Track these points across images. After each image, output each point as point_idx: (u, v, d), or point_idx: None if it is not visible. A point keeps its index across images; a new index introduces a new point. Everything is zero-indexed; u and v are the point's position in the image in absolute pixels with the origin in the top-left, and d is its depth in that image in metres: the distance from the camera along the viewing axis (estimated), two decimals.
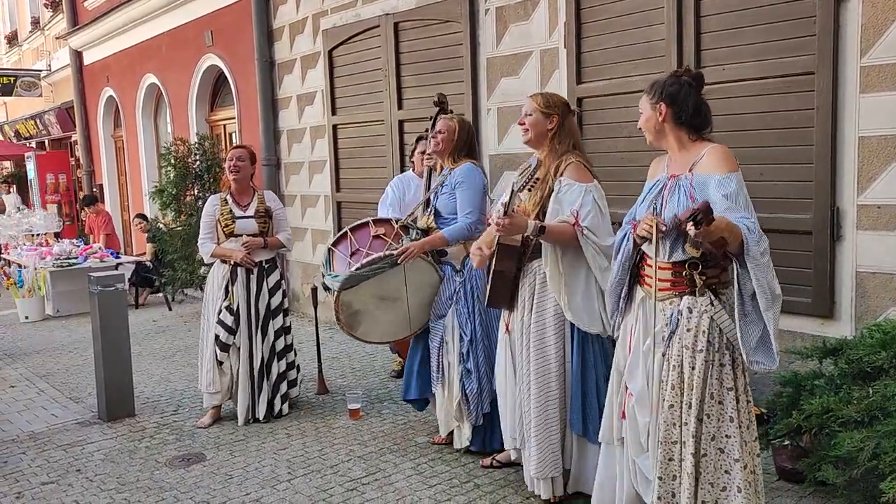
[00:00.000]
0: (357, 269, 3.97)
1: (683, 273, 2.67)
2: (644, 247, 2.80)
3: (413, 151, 5.33)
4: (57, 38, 14.85)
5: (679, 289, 2.69)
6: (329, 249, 4.25)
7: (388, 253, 3.99)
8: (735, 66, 4.26)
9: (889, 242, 3.74)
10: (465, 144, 4.14)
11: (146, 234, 9.88)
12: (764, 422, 3.78)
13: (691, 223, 2.35)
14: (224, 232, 4.77)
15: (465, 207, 4.01)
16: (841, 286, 3.93)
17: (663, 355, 2.71)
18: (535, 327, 3.39)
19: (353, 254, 4.11)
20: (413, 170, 5.28)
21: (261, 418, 4.82)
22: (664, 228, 2.62)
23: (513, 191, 3.24)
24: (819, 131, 3.93)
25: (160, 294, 9.55)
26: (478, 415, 4.01)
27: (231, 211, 4.79)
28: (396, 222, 4.25)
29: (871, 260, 3.80)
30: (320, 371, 5.48)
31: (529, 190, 3.42)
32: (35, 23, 17.18)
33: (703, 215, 2.34)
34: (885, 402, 3.03)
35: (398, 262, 3.98)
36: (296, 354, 5.10)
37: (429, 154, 4.32)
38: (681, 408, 2.67)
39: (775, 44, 4.09)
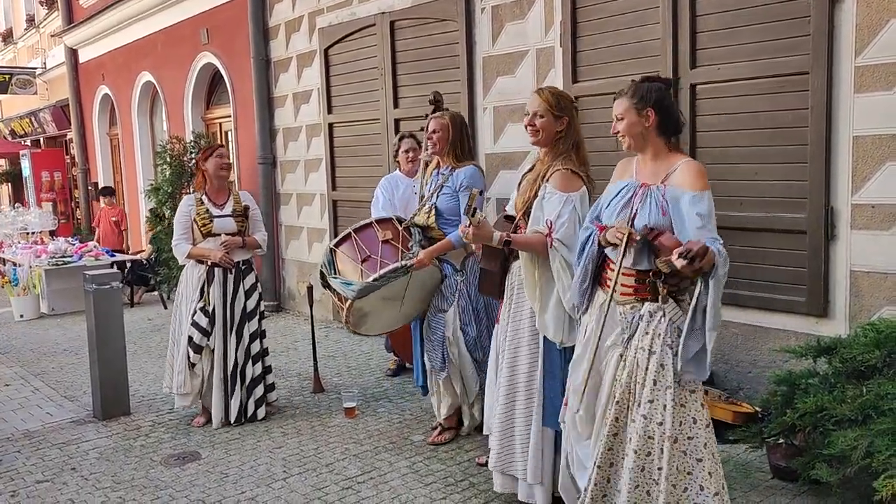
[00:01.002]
0: (375, 280, 3.96)
1: (647, 281, 2.74)
2: (608, 251, 2.85)
3: (397, 151, 5.34)
4: (52, 36, 14.80)
5: (641, 295, 2.77)
6: (332, 250, 4.23)
7: (403, 264, 4.00)
8: (730, 65, 4.27)
9: (883, 242, 3.75)
10: (461, 138, 4.16)
11: (150, 233, 9.83)
12: (758, 420, 3.80)
13: (684, 260, 2.41)
14: (201, 232, 4.69)
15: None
16: (835, 285, 3.95)
17: (620, 356, 2.80)
18: (511, 328, 3.41)
19: (364, 260, 4.07)
20: (399, 169, 5.28)
21: (232, 421, 4.74)
22: (637, 239, 2.66)
23: (469, 206, 3.27)
24: (813, 131, 3.94)
25: (155, 293, 9.54)
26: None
27: (208, 210, 4.71)
28: (399, 222, 4.25)
29: (866, 259, 3.82)
30: (316, 370, 5.48)
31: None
32: (30, 20, 17.13)
33: (699, 259, 2.41)
34: (878, 400, 3.04)
35: (412, 271, 4.01)
36: (269, 359, 5.00)
37: (428, 155, 4.33)
38: (627, 405, 2.76)
39: (770, 43, 4.10)
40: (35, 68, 16.44)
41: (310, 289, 5.64)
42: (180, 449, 4.47)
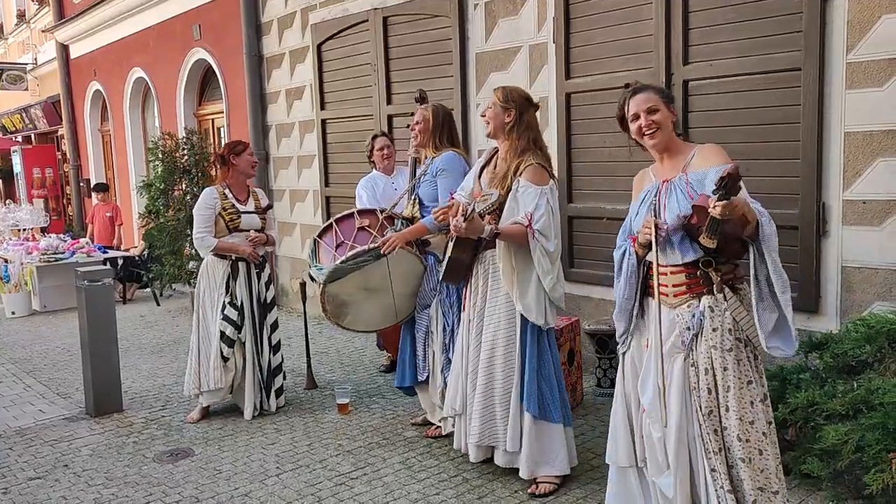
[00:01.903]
0: (342, 262, 3.99)
1: (698, 273, 2.60)
2: (649, 256, 2.70)
3: (371, 151, 5.35)
4: (43, 32, 14.73)
5: (696, 290, 2.61)
6: (315, 240, 4.26)
7: (371, 246, 4.01)
8: (722, 61, 4.28)
9: (874, 237, 3.77)
10: (444, 130, 4.18)
11: (143, 230, 9.78)
12: None
13: (717, 196, 2.28)
14: (227, 226, 4.68)
15: (447, 194, 4.02)
16: (826, 281, 3.97)
17: (685, 359, 2.61)
18: (489, 311, 3.59)
19: (338, 246, 4.12)
20: (375, 168, 5.30)
21: (273, 410, 4.85)
22: (665, 227, 2.57)
23: (473, 208, 3.37)
24: (805, 127, 3.95)
25: (148, 289, 9.51)
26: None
27: (234, 205, 4.73)
28: (381, 213, 4.26)
29: (857, 255, 3.84)
30: (309, 366, 5.47)
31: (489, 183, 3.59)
32: (21, 16, 17.05)
33: (731, 181, 2.25)
34: (869, 395, 3.06)
35: (382, 253, 3.99)
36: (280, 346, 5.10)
37: (414, 149, 4.35)
38: (719, 412, 2.56)
39: (762, 40, 4.11)
40: (26, 64, 16.35)
41: (303, 285, 5.64)
42: (173, 446, 4.46)
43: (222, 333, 4.69)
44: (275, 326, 4.94)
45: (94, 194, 11.04)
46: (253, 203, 4.84)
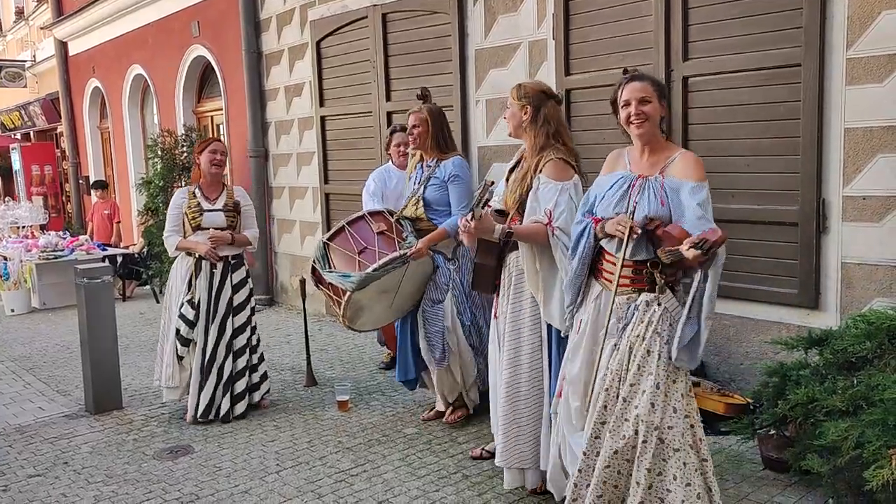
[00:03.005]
0: (375, 271, 3.96)
1: (644, 271, 2.75)
2: (604, 243, 2.85)
3: (388, 144, 5.33)
4: (42, 29, 14.70)
5: (638, 285, 2.77)
6: (325, 244, 4.21)
7: (402, 253, 4.02)
8: (722, 57, 4.27)
9: (874, 233, 3.76)
10: (442, 130, 4.22)
11: (142, 227, 9.78)
12: (750, 411, 3.82)
13: (697, 251, 2.40)
14: (191, 225, 4.68)
15: (462, 200, 4.15)
16: (826, 277, 3.96)
17: (615, 346, 2.80)
18: (511, 318, 3.39)
19: (360, 252, 4.07)
20: (391, 161, 5.28)
21: (198, 417, 4.68)
22: (639, 232, 2.66)
23: (480, 198, 3.22)
24: (805, 123, 3.95)
25: (147, 286, 9.50)
26: (484, 381, 4.21)
27: (199, 204, 4.71)
28: (390, 214, 4.26)
29: (857, 251, 3.83)
30: (309, 363, 5.47)
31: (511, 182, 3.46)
32: (19, 13, 17.02)
33: (714, 247, 2.41)
34: (869, 391, 3.06)
35: (411, 260, 4.02)
36: (261, 359, 4.93)
37: (411, 150, 4.36)
38: (617, 392, 2.76)
39: (762, 35, 4.10)
40: (25, 61, 16.33)
41: (302, 282, 5.63)
42: (173, 443, 4.46)
43: (177, 331, 4.68)
44: (241, 331, 4.78)
45: (93, 192, 11.03)
46: (223, 201, 4.78)
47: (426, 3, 6.05)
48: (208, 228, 4.69)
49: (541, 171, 3.26)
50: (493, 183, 3.44)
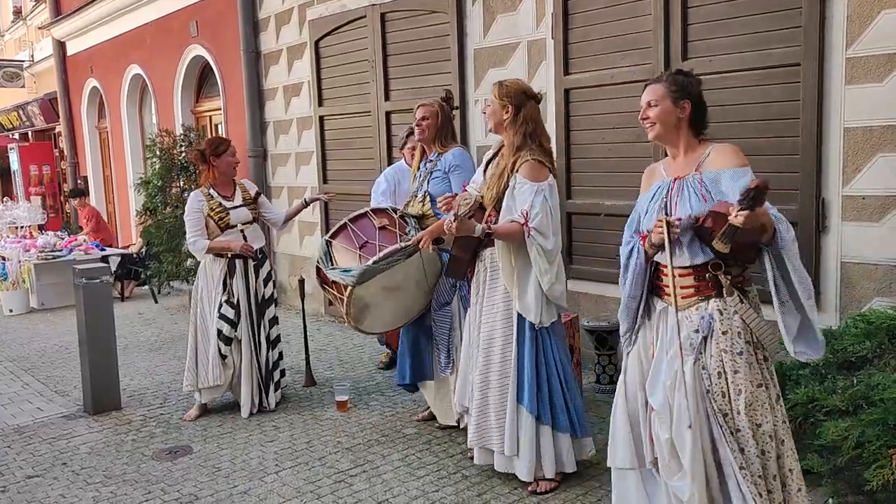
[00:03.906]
0: (375, 263, 3.92)
1: (706, 276, 2.56)
2: (658, 257, 2.67)
3: (403, 145, 5.31)
4: (40, 29, 14.68)
5: (705, 293, 2.58)
6: (327, 242, 4.19)
7: (405, 244, 3.97)
8: (721, 57, 4.27)
9: (874, 233, 3.76)
10: (448, 125, 4.26)
11: (141, 227, 9.74)
12: None
13: (745, 208, 2.25)
14: (219, 226, 4.69)
15: (462, 189, 4.08)
16: (826, 277, 3.96)
17: (695, 363, 2.57)
18: (486, 309, 3.58)
19: (362, 246, 4.05)
20: (405, 161, 5.25)
21: (271, 408, 4.85)
22: (676, 225, 2.51)
23: (457, 214, 3.30)
24: (805, 122, 3.95)
25: (146, 287, 9.49)
26: None
27: (220, 203, 4.72)
28: (394, 211, 4.24)
29: (856, 250, 3.83)
30: (308, 363, 5.47)
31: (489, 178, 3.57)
32: (17, 13, 17.00)
33: (758, 193, 2.23)
34: (869, 391, 3.05)
35: (415, 250, 3.97)
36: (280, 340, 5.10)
37: (417, 142, 4.35)
38: (733, 415, 2.55)
39: (762, 35, 4.10)
40: (22, 61, 16.30)
41: (301, 282, 5.62)
42: (172, 443, 4.46)
43: (219, 332, 4.70)
44: (273, 322, 4.94)
45: (71, 200, 10.95)
46: (241, 196, 4.83)
47: (425, 2, 6.04)
48: (236, 226, 4.73)
49: (517, 171, 3.39)
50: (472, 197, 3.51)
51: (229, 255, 4.72)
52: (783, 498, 2.57)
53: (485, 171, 3.66)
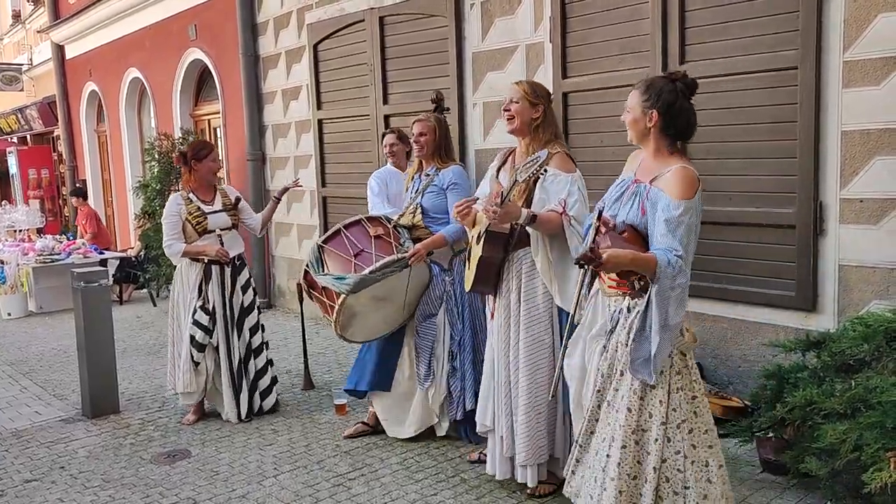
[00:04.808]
0: (371, 273, 3.90)
1: (627, 276, 2.72)
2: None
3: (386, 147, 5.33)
4: (38, 32, 14.69)
5: (623, 289, 2.75)
6: (320, 247, 4.18)
7: (400, 256, 3.97)
8: (719, 60, 4.28)
9: (871, 236, 3.77)
10: (445, 140, 4.25)
11: (139, 231, 9.74)
12: (748, 414, 3.82)
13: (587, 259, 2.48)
14: (196, 230, 4.66)
15: None
16: (824, 280, 3.96)
17: (604, 347, 2.79)
18: (525, 314, 3.42)
19: (357, 254, 4.03)
20: (389, 163, 5.27)
21: (243, 417, 4.75)
22: (610, 224, 2.70)
23: (515, 180, 3.17)
24: (802, 125, 3.95)
25: (144, 290, 9.49)
26: (457, 412, 4.15)
27: (199, 208, 4.68)
28: (388, 221, 4.23)
29: (854, 253, 3.83)
30: (306, 367, 5.46)
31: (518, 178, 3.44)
32: (16, 16, 17.00)
33: (585, 262, 2.49)
34: (867, 394, 3.05)
35: (409, 264, 3.98)
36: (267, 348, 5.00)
37: (414, 157, 4.36)
38: (603, 395, 2.78)
39: (759, 38, 4.10)
40: (21, 64, 16.31)
41: (299, 286, 5.61)
42: (170, 447, 4.45)
43: (192, 338, 4.66)
44: (255, 330, 4.85)
45: (72, 199, 10.93)
46: (220, 201, 4.80)
47: (423, 6, 6.05)
48: (214, 231, 4.69)
49: (548, 163, 3.26)
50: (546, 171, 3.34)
51: (205, 260, 4.68)
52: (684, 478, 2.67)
53: (496, 178, 3.56)
